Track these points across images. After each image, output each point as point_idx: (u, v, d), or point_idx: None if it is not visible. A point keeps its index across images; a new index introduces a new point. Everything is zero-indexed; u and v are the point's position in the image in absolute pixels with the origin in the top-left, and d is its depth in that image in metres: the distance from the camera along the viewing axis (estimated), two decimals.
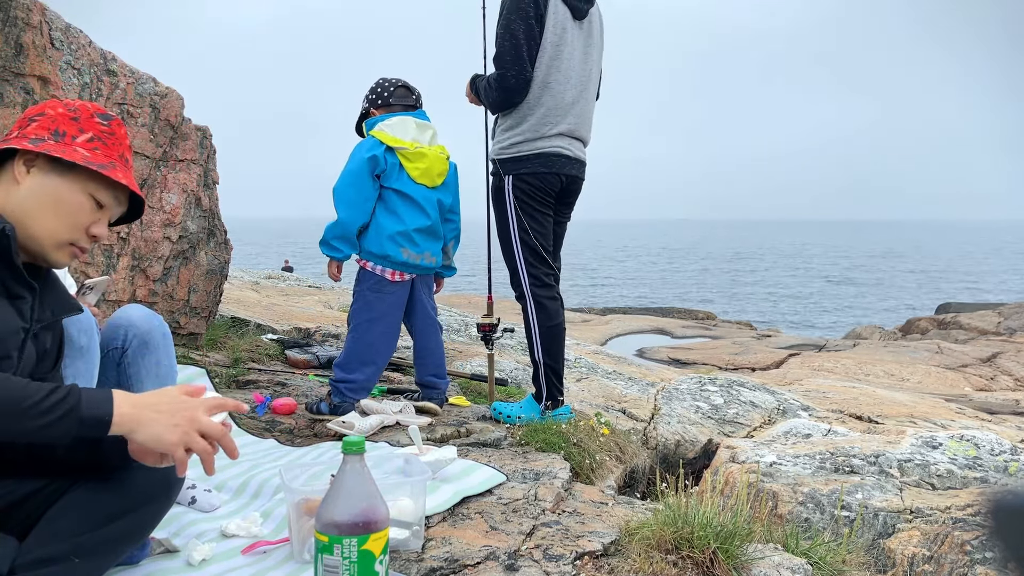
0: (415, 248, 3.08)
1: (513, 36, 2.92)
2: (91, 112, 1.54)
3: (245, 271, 9.09)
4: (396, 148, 3.03)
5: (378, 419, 2.92)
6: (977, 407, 6.39)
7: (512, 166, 3.06)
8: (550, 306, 3.10)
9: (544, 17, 2.94)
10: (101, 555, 1.45)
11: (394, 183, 3.04)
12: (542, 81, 2.99)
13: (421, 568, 1.78)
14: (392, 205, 3.04)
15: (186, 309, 3.81)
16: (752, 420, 4.55)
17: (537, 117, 3.00)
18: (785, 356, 9.73)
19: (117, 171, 1.51)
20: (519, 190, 3.05)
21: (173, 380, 2.10)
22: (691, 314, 17.41)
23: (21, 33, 2.87)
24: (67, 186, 1.48)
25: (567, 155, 3.07)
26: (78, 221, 1.49)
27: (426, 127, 3.14)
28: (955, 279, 45.04)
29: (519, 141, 3.03)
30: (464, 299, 10.97)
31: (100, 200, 1.51)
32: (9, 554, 1.35)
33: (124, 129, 1.59)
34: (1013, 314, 15.74)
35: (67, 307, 1.57)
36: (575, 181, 3.15)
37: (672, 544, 1.88)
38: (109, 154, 1.52)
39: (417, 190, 3.06)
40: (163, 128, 3.55)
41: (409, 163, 3.05)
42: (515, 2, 2.93)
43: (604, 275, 45.95)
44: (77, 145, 1.49)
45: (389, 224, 3.03)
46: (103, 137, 1.53)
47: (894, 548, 2.68)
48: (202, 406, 1.33)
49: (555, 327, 3.10)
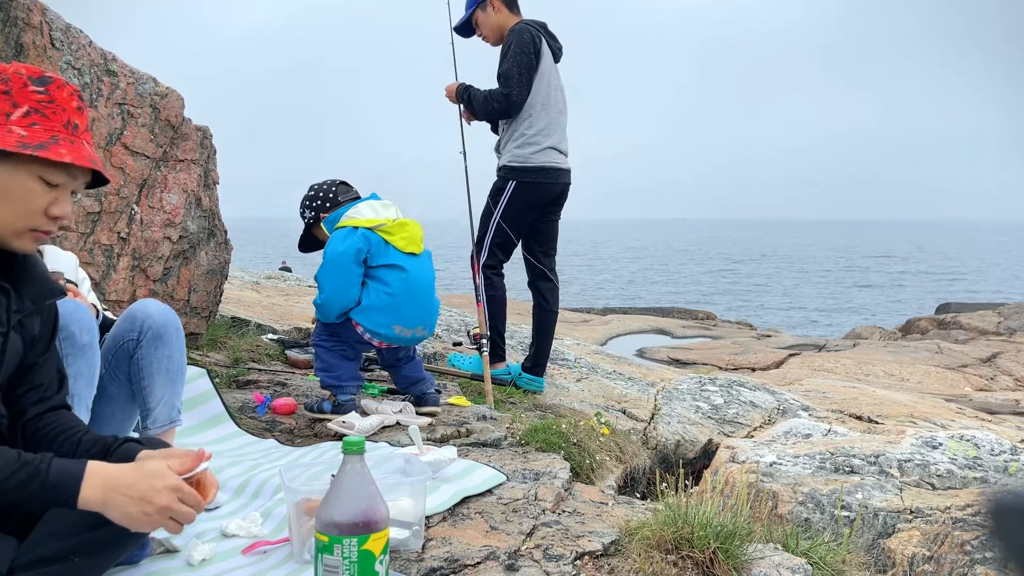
0: (408, 324, 2.96)
1: (520, 65, 3.75)
2: (24, 79, 1.37)
3: (245, 271, 9.09)
4: (375, 227, 2.94)
5: (378, 419, 2.92)
6: (977, 407, 6.39)
7: (520, 174, 3.84)
8: (496, 281, 3.99)
9: (540, 54, 3.82)
10: (101, 554, 1.44)
11: (382, 259, 2.93)
12: (542, 103, 3.82)
13: (421, 568, 1.78)
14: (385, 280, 2.92)
15: (186, 309, 3.81)
16: (752, 420, 4.55)
17: (536, 131, 3.82)
18: (785, 356, 9.72)
19: (60, 146, 1.36)
20: (518, 195, 3.83)
21: (182, 376, 2.12)
22: (691, 314, 17.40)
23: (21, 33, 2.87)
24: (10, 173, 1.34)
25: (562, 168, 3.91)
26: (31, 207, 1.37)
27: (388, 205, 3.06)
28: (955, 279, 45.04)
29: (528, 153, 3.81)
30: (465, 299, 10.98)
31: (51, 180, 1.37)
32: (9, 554, 1.35)
33: (67, 90, 1.41)
34: (1013, 314, 15.74)
35: (49, 292, 1.51)
36: (566, 188, 3.99)
37: (672, 544, 1.88)
38: (51, 126, 1.37)
39: (407, 260, 2.96)
40: (163, 128, 3.55)
41: (392, 236, 2.96)
42: (520, 41, 3.76)
43: (613, 274, 45.81)
44: (12, 124, 1.34)
45: (382, 300, 2.90)
46: (41, 108, 1.37)
47: (894, 548, 2.68)
48: (177, 480, 1.32)
49: (498, 296, 4.00)
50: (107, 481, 1.27)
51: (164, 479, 1.30)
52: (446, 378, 4.07)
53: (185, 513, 1.32)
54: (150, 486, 1.28)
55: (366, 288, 2.93)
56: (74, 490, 1.25)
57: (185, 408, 2.67)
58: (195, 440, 2.69)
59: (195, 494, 1.34)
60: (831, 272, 50.04)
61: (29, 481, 1.23)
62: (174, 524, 1.32)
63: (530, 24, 3.87)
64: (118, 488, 1.27)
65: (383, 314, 2.91)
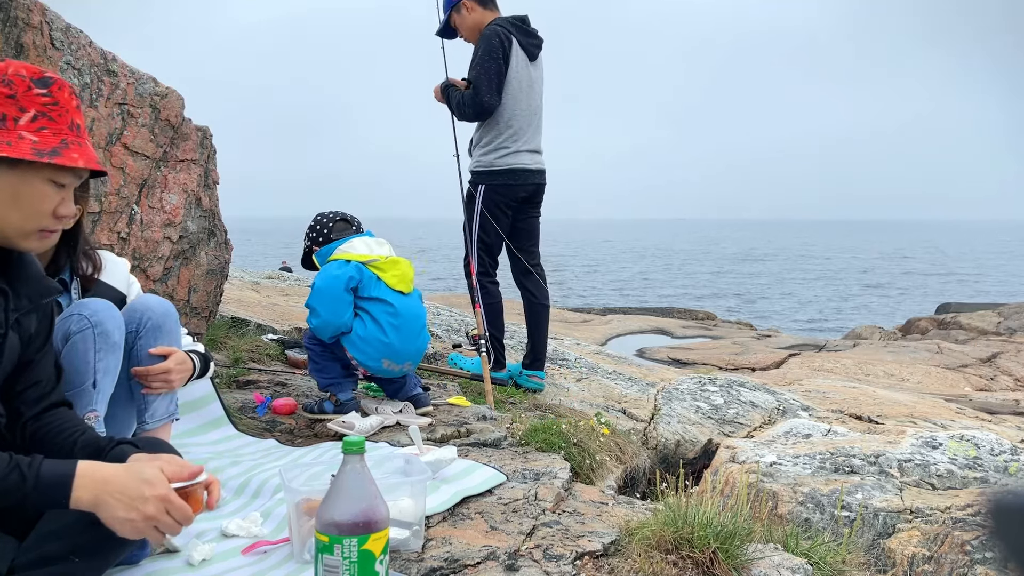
0: (397, 359, 3.00)
1: (487, 71, 3.78)
2: (28, 82, 1.37)
3: (245, 271, 9.08)
4: (367, 262, 2.99)
5: (378, 419, 2.92)
6: (977, 407, 6.38)
7: (486, 178, 3.93)
8: (492, 288, 4.05)
9: (509, 58, 3.82)
10: (101, 555, 1.44)
11: (372, 292, 2.97)
12: (510, 109, 3.85)
13: (421, 568, 1.78)
14: (373, 314, 2.96)
15: (186, 309, 3.81)
16: (752, 420, 4.55)
17: (505, 137, 3.88)
18: (785, 356, 9.72)
19: (71, 150, 1.39)
20: (488, 198, 3.93)
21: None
22: (691, 314, 17.39)
23: (21, 33, 2.87)
24: (22, 179, 1.36)
25: (531, 169, 3.96)
26: (42, 209, 1.39)
27: (382, 243, 3.11)
28: (955, 279, 45.04)
29: (493, 159, 3.89)
30: (465, 299, 10.98)
31: (60, 182, 1.40)
32: (9, 554, 1.35)
33: (67, 89, 1.42)
34: (1013, 314, 15.73)
35: (45, 291, 1.52)
36: (539, 187, 4.05)
37: (672, 544, 1.88)
38: (58, 130, 1.39)
39: (396, 297, 3.00)
40: (163, 128, 3.55)
41: (384, 272, 3.01)
42: (488, 46, 3.78)
43: (614, 275, 45.72)
44: (21, 129, 1.35)
45: (371, 335, 2.94)
46: (47, 111, 1.38)
47: (894, 548, 2.68)
48: (168, 490, 1.31)
49: (495, 304, 4.04)
50: (98, 482, 1.27)
51: (155, 488, 1.29)
52: (446, 378, 4.07)
53: (169, 525, 1.31)
54: (139, 493, 1.28)
55: (359, 319, 2.97)
56: (67, 490, 1.25)
57: (187, 410, 2.68)
58: (196, 441, 2.69)
59: (184, 507, 1.32)
60: (831, 272, 50.04)
61: (22, 483, 1.24)
62: (157, 534, 1.31)
63: (502, 24, 3.86)
64: (109, 490, 1.27)
65: (374, 348, 2.94)
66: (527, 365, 4.18)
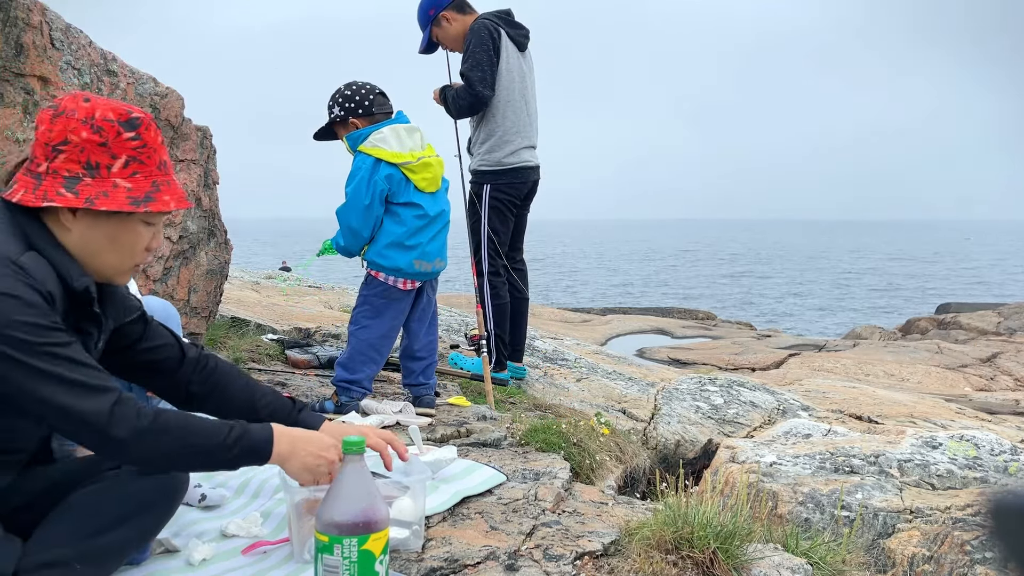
0: (427, 258, 3.05)
1: (479, 62, 3.75)
2: (117, 127, 1.37)
3: (245, 271, 9.08)
4: (400, 164, 2.97)
5: (378, 419, 2.92)
6: (977, 407, 6.39)
7: (491, 177, 3.91)
8: (500, 289, 3.99)
9: (499, 50, 3.79)
10: (103, 561, 1.45)
11: (402, 197, 2.99)
12: (504, 101, 3.83)
13: (421, 568, 1.78)
14: (403, 218, 2.99)
15: (186, 309, 3.81)
16: (752, 420, 4.55)
17: (503, 131, 3.86)
18: (785, 356, 9.72)
19: (162, 192, 1.43)
20: (494, 198, 3.91)
21: None
22: (691, 314, 17.39)
23: (21, 33, 2.87)
24: (120, 225, 1.42)
25: (532, 166, 3.97)
26: (137, 248, 1.46)
27: (413, 130, 3.06)
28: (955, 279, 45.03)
29: (499, 156, 3.87)
30: (465, 299, 10.96)
31: (152, 221, 1.46)
32: (15, 555, 1.35)
33: (153, 128, 1.43)
34: (1013, 314, 15.74)
35: (127, 310, 1.61)
36: (536, 184, 4.07)
37: (672, 544, 1.88)
38: (149, 172, 1.42)
39: (425, 199, 3.03)
40: (163, 128, 3.55)
41: (415, 175, 3.00)
42: (478, 39, 3.76)
43: (632, 277, 45.55)
44: (115, 177, 1.38)
45: (400, 237, 2.98)
46: (138, 155, 1.40)
47: (894, 548, 2.68)
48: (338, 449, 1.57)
49: (503, 304, 4.01)
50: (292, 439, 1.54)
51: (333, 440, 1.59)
52: (446, 378, 4.07)
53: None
54: (322, 444, 1.56)
55: (382, 226, 3.00)
56: (269, 446, 1.49)
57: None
58: None
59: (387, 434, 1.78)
60: (832, 272, 50.03)
61: (238, 441, 1.45)
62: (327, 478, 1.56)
63: (488, 17, 3.86)
64: (300, 444, 1.54)
65: (402, 251, 2.99)
66: (508, 357, 4.19)
